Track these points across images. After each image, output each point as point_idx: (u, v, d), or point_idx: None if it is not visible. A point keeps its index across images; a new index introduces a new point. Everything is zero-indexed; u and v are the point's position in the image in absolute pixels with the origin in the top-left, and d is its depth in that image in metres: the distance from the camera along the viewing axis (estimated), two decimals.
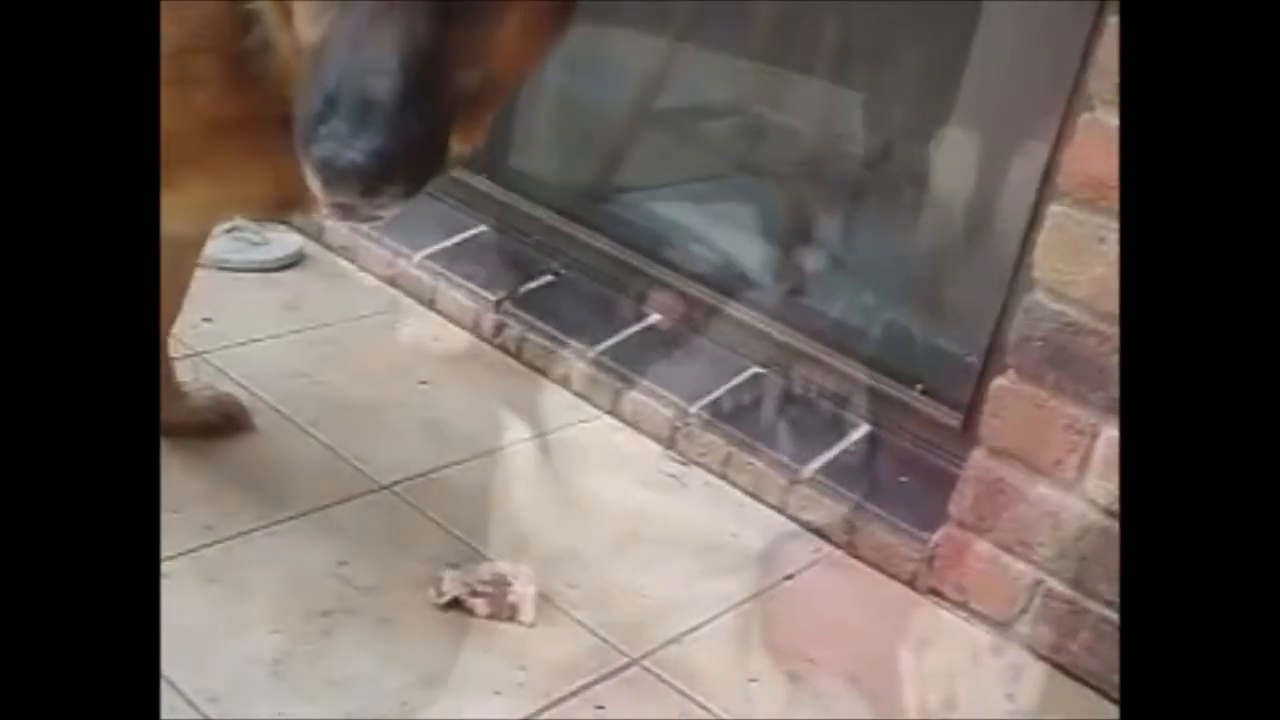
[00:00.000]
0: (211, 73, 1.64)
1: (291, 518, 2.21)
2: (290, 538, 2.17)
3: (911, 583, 2.38)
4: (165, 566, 2.03)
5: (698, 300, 2.90)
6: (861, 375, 2.70)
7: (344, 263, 3.17)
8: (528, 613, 2.08)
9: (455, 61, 1.44)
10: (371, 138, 1.36)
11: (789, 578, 2.36)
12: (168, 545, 2.06)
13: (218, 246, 2.98)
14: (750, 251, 3.22)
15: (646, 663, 2.08)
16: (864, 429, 2.65)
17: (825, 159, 3.55)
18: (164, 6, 1.59)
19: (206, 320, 2.72)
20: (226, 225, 3.03)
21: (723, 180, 3.70)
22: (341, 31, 1.42)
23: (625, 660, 2.07)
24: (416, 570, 2.13)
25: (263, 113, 1.64)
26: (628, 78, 3.43)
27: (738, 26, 3.60)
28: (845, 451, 2.59)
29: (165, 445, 2.29)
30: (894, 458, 2.59)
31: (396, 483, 2.36)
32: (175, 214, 1.86)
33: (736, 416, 2.66)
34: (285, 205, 1.82)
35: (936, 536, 2.36)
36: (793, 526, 2.50)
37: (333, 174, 1.38)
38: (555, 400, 2.78)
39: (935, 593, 2.36)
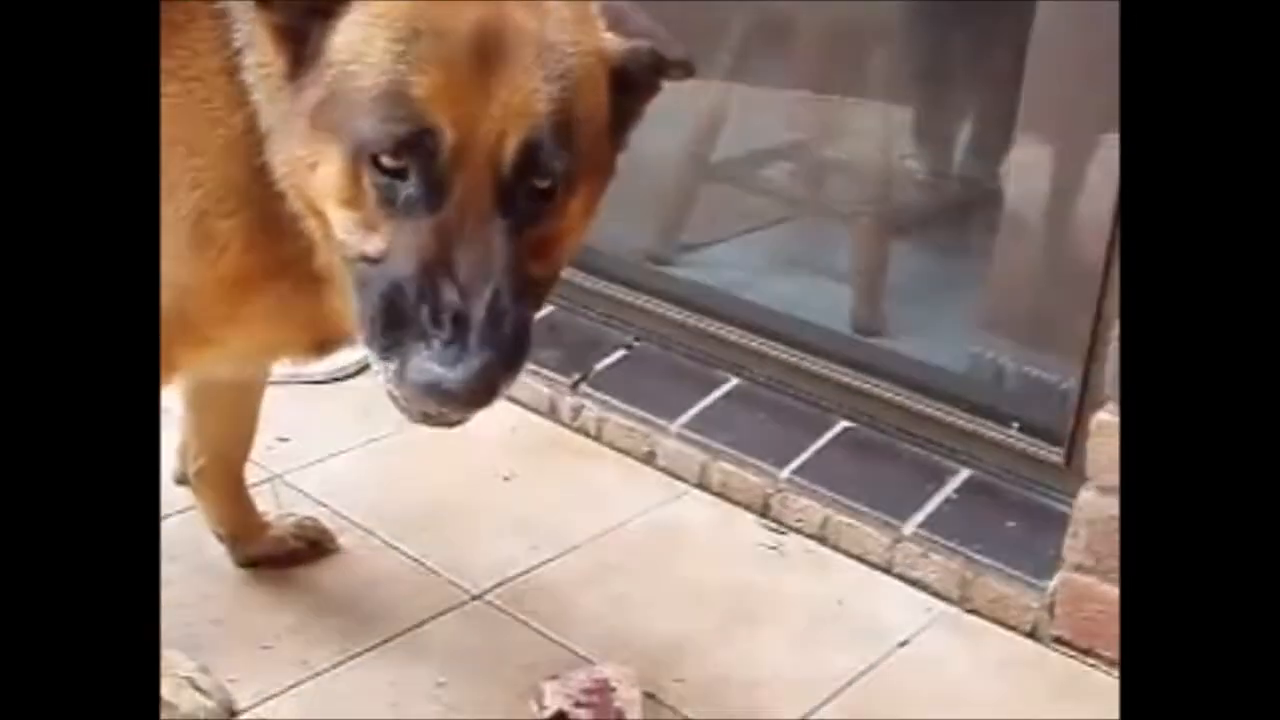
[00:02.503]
0: (234, 235, 1.62)
1: (386, 640, 2.15)
2: (386, 662, 2.11)
3: (1033, 634, 2.27)
4: (264, 707, 1.99)
5: (775, 358, 2.82)
6: (953, 417, 2.60)
7: None
8: (634, 716, 2.01)
9: (531, 260, 1.44)
10: (476, 355, 1.36)
11: (904, 644, 2.26)
12: (264, 684, 2.03)
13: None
14: (823, 298, 3.13)
15: None
16: (963, 475, 2.55)
17: (889, 190, 3.47)
18: (183, 170, 1.59)
19: (282, 440, 2.69)
20: None
21: (786, 225, 3.62)
22: (407, 245, 1.40)
23: None
24: (517, 683, 2.06)
25: (289, 267, 1.63)
26: (678, 131, 3.38)
27: (785, 60, 3.53)
28: (946, 501, 2.49)
29: (251, 578, 2.28)
30: (998, 502, 2.48)
31: (488, 590, 2.30)
32: (220, 364, 1.85)
33: (830, 476, 2.57)
34: (326, 347, 1.80)
35: (1054, 582, 2.26)
36: (901, 586, 2.40)
37: (441, 395, 1.38)
38: (642, 480, 2.71)
39: (1060, 641, 2.25)
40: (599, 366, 2.93)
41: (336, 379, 2.99)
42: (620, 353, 2.97)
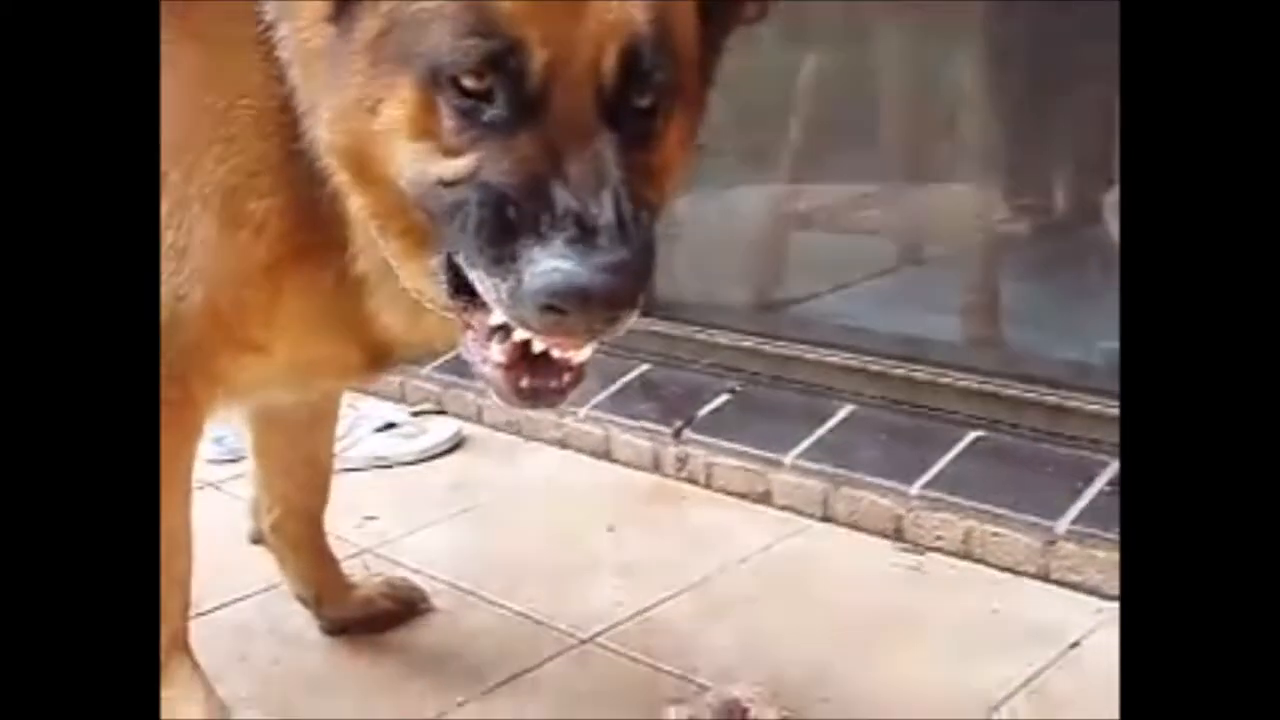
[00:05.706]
0: (269, 216, 1.47)
1: (490, 690, 1.93)
2: (493, 709, 1.88)
3: None
4: None
5: (891, 376, 2.60)
6: (1098, 408, 2.34)
7: (508, 437, 2.95)
8: None
9: (641, 182, 1.29)
10: (608, 251, 1.19)
11: (1075, 645, 1.98)
12: None
13: (373, 445, 2.80)
14: (934, 329, 2.91)
15: None
16: (1114, 466, 2.28)
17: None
18: (210, 141, 1.46)
19: (370, 518, 2.51)
20: (380, 423, 2.85)
21: (886, 276, 3.41)
22: (505, 160, 1.25)
23: None
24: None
25: (329, 258, 1.49)
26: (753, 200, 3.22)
27: (859, 155, 3.36)
28: (1101, 494, 2.23)
29: (343, 643, 2.08)
30: None
31: (599, 633, 2.07)
32: (271, 381, 1.67)
33: (967, 487, 2.32)
34: (379, 360, 1.63)
35: None
36: (1061, 591, 2.13)
37: (575, 294, 1.19)
38: (760, 519, 2.47)
39: None
40: (701, 413, 2.72)
41: (426, 459, 2.82)
42: (723, 397, 2.77)
